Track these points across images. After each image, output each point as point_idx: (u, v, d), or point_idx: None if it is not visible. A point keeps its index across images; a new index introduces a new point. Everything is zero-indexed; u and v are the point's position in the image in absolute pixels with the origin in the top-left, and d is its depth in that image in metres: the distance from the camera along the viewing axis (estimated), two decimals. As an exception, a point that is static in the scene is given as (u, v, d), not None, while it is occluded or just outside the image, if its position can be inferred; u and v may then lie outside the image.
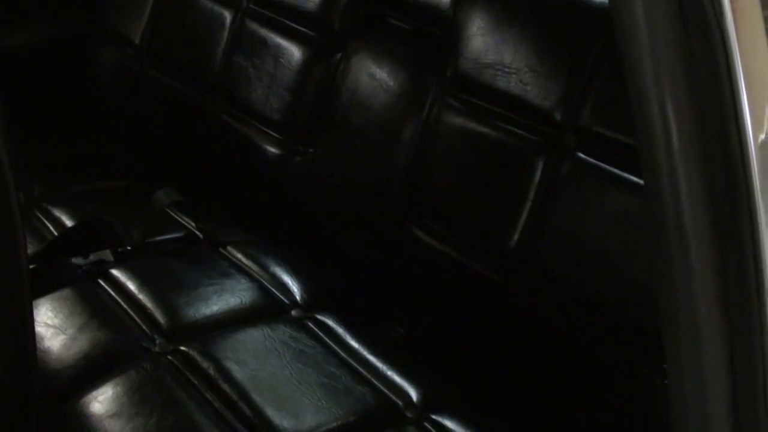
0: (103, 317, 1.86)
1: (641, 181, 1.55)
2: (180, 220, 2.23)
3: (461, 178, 1.91)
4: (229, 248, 2.14)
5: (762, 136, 0.92)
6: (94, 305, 1.90)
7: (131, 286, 1.95)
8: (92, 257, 2.04)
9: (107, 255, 2.04)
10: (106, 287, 1.96)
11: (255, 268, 2.07)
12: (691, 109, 0.88)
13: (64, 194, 2.35)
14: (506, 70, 1.82)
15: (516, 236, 1.78)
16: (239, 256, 2.11)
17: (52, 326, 1.82)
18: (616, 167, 1.65)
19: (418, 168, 1.98)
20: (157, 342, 1.80)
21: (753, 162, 0.90)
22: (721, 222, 0.89)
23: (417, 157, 1.98)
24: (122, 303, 1.91)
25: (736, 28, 0.88)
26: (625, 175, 1.63)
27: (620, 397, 1.66)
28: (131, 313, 1.88)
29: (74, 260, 2.03)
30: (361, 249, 2.12)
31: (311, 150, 2.22)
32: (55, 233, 2.14)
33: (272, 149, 2.28)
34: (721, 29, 0.86)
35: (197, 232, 2.18)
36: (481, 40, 1.87)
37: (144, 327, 1.85)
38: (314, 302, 1.99)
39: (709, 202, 0.89)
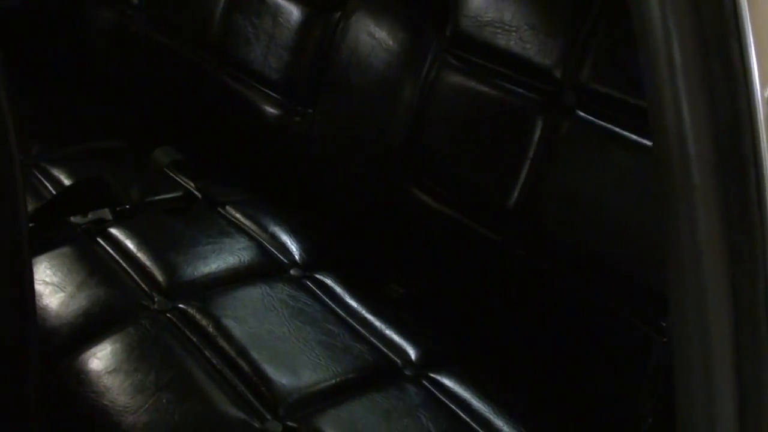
0: (101, 275, 1.85)
1: (641, 139, 1.57)
2: (178, 179, 2.23)
3: (460, 137, 1.91)
4: (227, 208, 2.14)
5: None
6: (93, 263, 1.89)
7: (130, 244, 1.95)
8: (91, 216, 2.03)
9: (106, 214, 2.04)
10: (105, 245, 1.95)
11: (254, 227, 2.06)
12: (701, 69, 0.87)
13: (62, 153, 2.34)
14: (506, 27, 1.81)
15: (515, 195, 1.78)
16: (238, 215, 2.10)
17: (51, 284, 1.82)
18: (615, 125, 1.65)
19: (417, 127, 1.98)
20: (156, 300, 1.80)
21: (760, 117, 0.90)
22: (729, 182, 0.89)
23: (416, 117, 1.98)
24: (121, 261, 1.90)
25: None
26: (625, 133, 1.63)
27: (618, 353, 1.66)
28: (130, 271, 1.88)
29: (73, 219, 2.02)
30: (360, 209, 2.12)
31: (310, 110, 2.22)
32: (54, 192, 2.14)
33: (271, 109, 2.27)
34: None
35: (196, 192, 2.17)
36: (481, -2, 1.87)
37: (143, 285, 1.84)
38: (313, 262, 1.99)
39: (716, 161, 0.89)
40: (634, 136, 1.62)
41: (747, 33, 0.88)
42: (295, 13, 2.23)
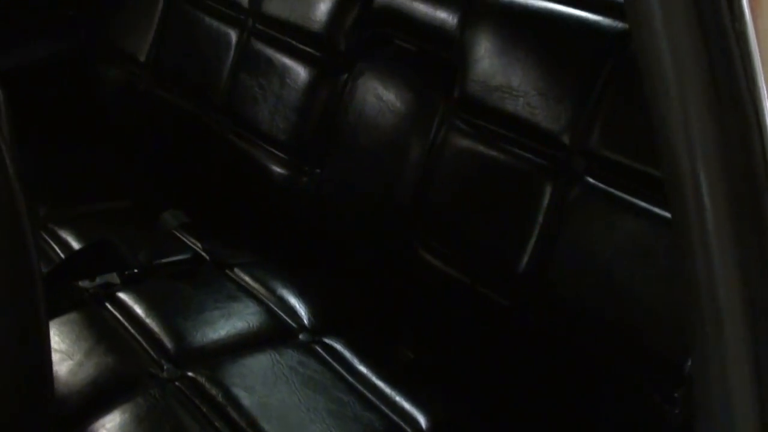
0: (110, 342, 1.85)
1: (650, 207, 1.57)
2: (186, 240, 2.22)
3: (469, 201, 1.90)
4: (236, 270, 2.13)
5: None
6: (102, 329, 1.89)
7: (138, 309, 1.94)
8: (99, 280, 2.03)
9: (114, 278, 2.03)
10: (113, 311, 1.95)
11: (262, 290, 2.06)
12: (716, 132, 0.87)
13: (70, 214, 2.34)
14: (514, 92, 1.81)
15: (525, 260, 1.78)
16: (246, 278, 2.10)
17: (59, 351, 1.81)
18: (625, 192, 1.65)
19: (425, 190, 1.98)
20: (165, 368, 1.79)
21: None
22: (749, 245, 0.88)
23: (424, 179, 1.98)
24: (129, 327, 1.90)
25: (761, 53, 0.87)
26: (634, 200, 1.63)
27: (630, 423, 1.65)
28: (138, 337, 1.87)
29: (81, 283, 2.02)
30: (369, 270, 2.12)
31: (318, 170, 2.22)
32: (62, 255, 2.14)
33: (279, 169, 2.28)
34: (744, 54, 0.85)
35: (204, 254, 2.17)
36: (489, 62, 1.87)
37: (151, 352, 1.83)
38: (322, 325, 1.98)
39: (734, 218, 0.88)
40: (643, 203, 1.62)
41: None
42: (302, 74, 2.24)
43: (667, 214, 1.54)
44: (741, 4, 0.84)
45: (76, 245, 2.17)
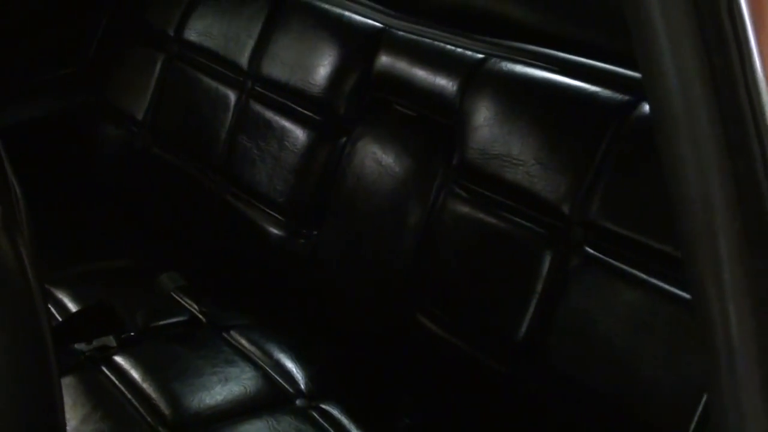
0: (106, 408, 1.84)
1: (649, 279, 1.57)
2: (183, 302, 2.21)
3: (468, 268, 1.90)
4: (232, 333, 2.13)
5: None
6: (98, 394, 1.88)
7: (135, 374, 1.94)
8: (95, 343, 2.02)
9: (110, 341, 2.03)
10: (110, 375, 1.94)
11: (259, 354, 2.05)
12: (737, 220, 0.87)
13: (67, 274, 2.34)
14: (513, 161, 1.82)
15: (524, 328, 1.77)
16: (243, 341, 2.10)
17: (56, 416, 1.80)
18: (624, 263, 1.65)
19: (424, 255, 1.98)
20: (161, 435, 1.79)
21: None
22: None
23: (423, 245, 1.98)
24: (126, 392, 1.89)
25: None
26: (634, 271, 1.63)
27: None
28: (135, 403, 1.87)
29: (77, 346, 2.01)
30: (367, 335, 2.12)
31: (315, 233, 2.22)
32: (58, 317, 2.13)
33: (276, 231, 2.28)
34: (756, 115, 0.86)
35: (200, 316, 2.16)
36: (488, 130, 1.88)
37: (148, 418, 1.83)
38: (319, 391, 1.97)
39: (756, 312, 0.88)
40: (642, 275, 1.62)
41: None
42: (301, 137, 2.25)
43: (667, 286, 1.55)
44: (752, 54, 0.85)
45: (72, 306, 2.17)
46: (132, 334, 2.06)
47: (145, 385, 1.91)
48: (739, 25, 0.82)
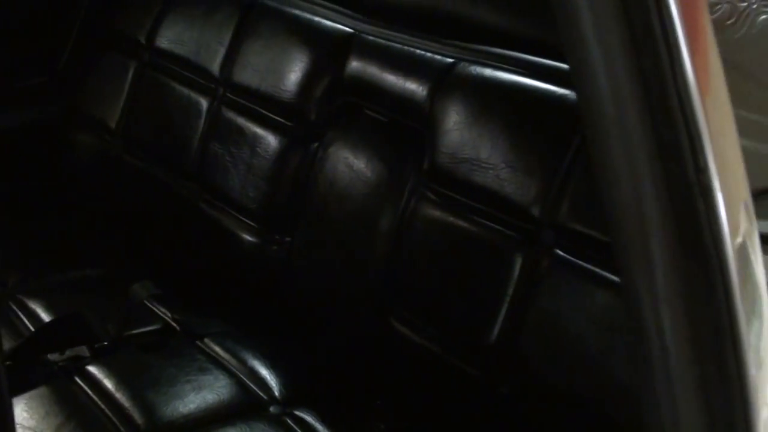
0: (79, 418, 1.84)
1: (619, 279, 1.56)
2: (157, 310, 2.21)
3: (439, 272, 1.90)
4: (206, 340, 2.12)
5: (739, 239, 0.91)
6: (71, 405, 1.88)
7: (108, 384, 1.93)
8: (68, 353, 2.01)
9: (83, 351, 2.02)
10: (83, 385, 1.94)
11: (233, 361, 2.05)
12: (666, 207, 0.87)
13: (40, 284, 2.33)
14: (483, 165, 1.82)
15: (496, 331, 1.78)
16: (217, 349, 2.09)
17: (28, 428, 1.80)
18: (594, 265, 1.66)
19: (396, 260, 1.98)
20: (135, 444, 1.78)
21: (731, 266, 0.89)
22: (700, 324, 0.89)
23: (395, 249, 1.98)
24: (99, 402, 1.89)
25: (709, 127, 0.87)
26: (604, 273, 1.64)
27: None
28: (108, 412, 1.86)
29: (50, 356, 2.01)
30: (340, 340, 2.11)
31: (288, 239, 2.22)
32: (31, 327, 2.12)
33: (249, 238, 2.27)
34: (687, 119, 0.86)
35: (174, 324, 2.16)
36: (458, 134, 1.88)
37: (122, 428, 1.82)
38: (293, 397, 1.97)
39: (690, 314, 0.89)
40: (613, 277, 1.62)
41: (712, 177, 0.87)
42: (273, 143, 2.24)
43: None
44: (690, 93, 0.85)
45: (45, 316, 2.16)
46: (105, 343, 2.05)
47: (118, 395, 1.90)
48: (669, 25, 0.82)
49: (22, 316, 2.17)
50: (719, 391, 0.89)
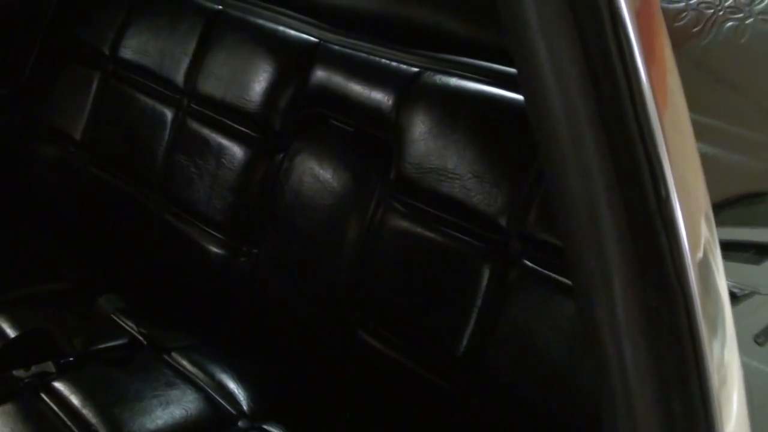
0: (45, 436, 1.82)
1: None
2: (123, 324, 2.19)
3: (407, 283, 1.89)
4: (173, 354, 2.10)
5: (699, 254, 0.90)
6: (37, 421, 1.86)
7: (74, 400, 1.91)
8: (34, 369, 1.99)
9: (49, 366, 2.00)
10: (49, 401, 1.92)
11: (200, 375, 2.04)
12: (627, 240, 0.86)
13: (4, 298, 2.30)
14: (450, 175, 1.81)
15: (464, 343, 1.77)
16: (184, 362, 2.07)
17: (-7, 446, 1.78)
18: (562, 275, 1.65)
19: (363, 270, 1.97)
20: (101, 462, 1.77)
21: (694, 293, 0.88)
22: (664, 358, 0.88)
23: (362, 260, 1.97)
24: (65, 419, 1.87)
25: (666, 141, 0.86)
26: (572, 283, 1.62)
27: None
28: (75, 429, 1.84)
29: (15, 373, 1.98)
30: (308, 352, 2.10)
31: (255, 251, 2.20)
32: (-4, 342, 2.10)
33: (216, 249, 2.26)
34: (647, 146, 0.84)
35: (141, 338, 2.14)
36: (424, 144, 1.87)
37: (88, 446, 1.81)
38: (261, 411, 1.96)
39: (653, 349, 0.88)
40: (581, 287, 1.61)
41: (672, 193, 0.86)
42: (238, 154, 2.23)
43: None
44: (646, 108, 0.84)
45: (11, 332, 2.14)
46: (71, 359, 2.03)
47: (85, 411, 1.88)
48: (626, 51, 0.81)
49: (-13, 332, 2.14)
50: (684, 423, 0.88)
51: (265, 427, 1.90)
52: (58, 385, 1.96)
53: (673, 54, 0.87)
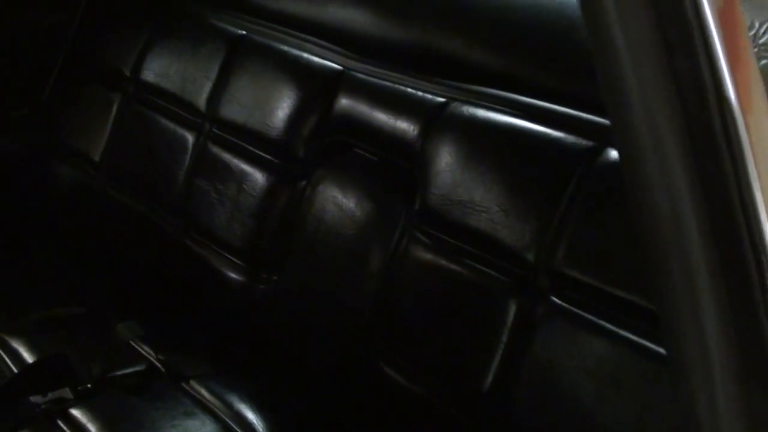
0: (62, 464, 1.80)
1: (617, 330, 1.54)
2: (141, 350, 2.17)
3: (431, 316, 1.87)
4: (192, 383, 2.08)
5: None
6: (53, 450, 1.84)
7: (91, 428, 1.89)
8: (51, 395, 1.97)
9: (66, 393, 1.98)
10: (66, 429, 1.89)
11: (219, 405, 2.01)
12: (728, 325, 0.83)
13: (22, 322, 2.29)
14: (476, 207, 1.79)
15: (489, 379, 1.74)
16: (202, 391, 2.05)
17: (9, 474, 1.76)
18: (591, 313, 1.62)
19: (386, 301, 1.94)
20: (118, 494, 1.74)
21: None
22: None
23: (385, 290, 1.95)
24: (82, 447, 1.85)
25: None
26: (601, 321, 1.61)
27: None
28: (91, 460, 1.82)
29: (33, 398, 1.96)
30: (329, 383, 2.08)
31: (275, 278, 2.18)
32: (13, 367, 2.08)
33: (235, 276, 2.24)
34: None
35: (159, 365, 2.12)
36: (450, 176, 1.85)
37: (104, 477, 1.78)
38: (280, 442, 1.94)
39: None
40: (610, 326, 1.59)
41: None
42: (260, 180, 2.21)
43: (636, 338, 1.53)
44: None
45: (28, 356, 2.12)
46: (89, 385, 2.01)
47: (102, 440, 1.86)
48: (731, 129, 0.79)
49: (3, 356, 2.12)
50: None
51: (285, 459, 1.88)
52: (76, 412, 1.94)
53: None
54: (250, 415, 1.99)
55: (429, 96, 1.97)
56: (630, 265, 1.57)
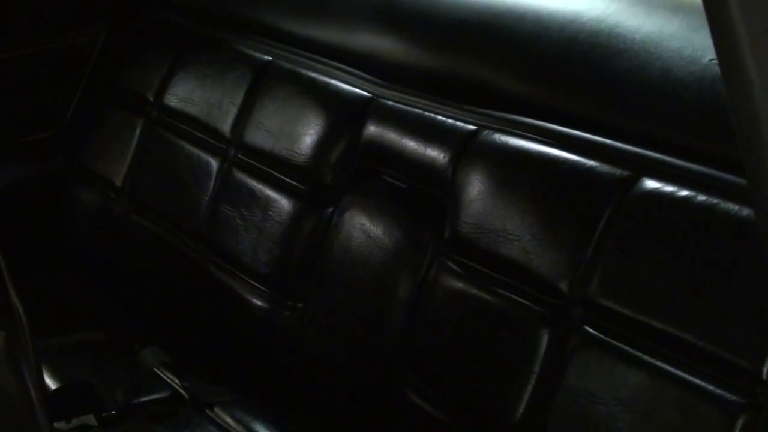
0: (87, 492, 1.78)
1: (653, 361, 1.52)
2: (165, 377, 2.16)
3: (462, 345, 1.85)
4: (216, 410, 2.07)
5: None
6: (78, 478, 1.82)
7: (116, 455, 1.88)
8: (75, 422, 1.96)
9: (90, 419, 1.98)
10: (90, 456, 1.88)
11: (243, 432, 2.00)
12: None
13: (45, 347, 2.27)
14: (509, 236, 1.78)
15: (521, 409, 1.72)
16: (227, 419, 2.04)
17: (34, 502, 1.74)
18: (626, 344, 1.60)
19: (415, 331, 1.93)
20: None
21: None
22: None
23: (413, 319, 1.93)
24: (106, 476, 1.83)
25: None
26: (636, 352, 1.58)
27: None
28: (115, 489, 1.80)
29: (56, 425, 1.95)
30: (355, 412, 2.06)
31: (300, 305, 2.17)
32: (35, 393, 2.06)
33: (260, 303, 2.23)
34: None
35: (183, 392, 2.11)
36: (482, 204, 1.84)
37: (129, 507, 1.77)
38: (306, 471, 1.92)
39: None
40: (645, 357, 1.57)
41: None
42: (286, 206, 2.20)
43: (672, 369, 1.51)
44: None
45: (50, 382, 2.11)
46: (113, 412, 2.00)
47: (126, 469, 1.85)
48: None
49: (26, 382, 2.11)
50: None
51: (309, 489, 1.86)
52: (100, 439, 1.93)
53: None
54: (275, 445, 1.98)
55: (459, 123, 1.96)
56: (666, 295, 1.56)
